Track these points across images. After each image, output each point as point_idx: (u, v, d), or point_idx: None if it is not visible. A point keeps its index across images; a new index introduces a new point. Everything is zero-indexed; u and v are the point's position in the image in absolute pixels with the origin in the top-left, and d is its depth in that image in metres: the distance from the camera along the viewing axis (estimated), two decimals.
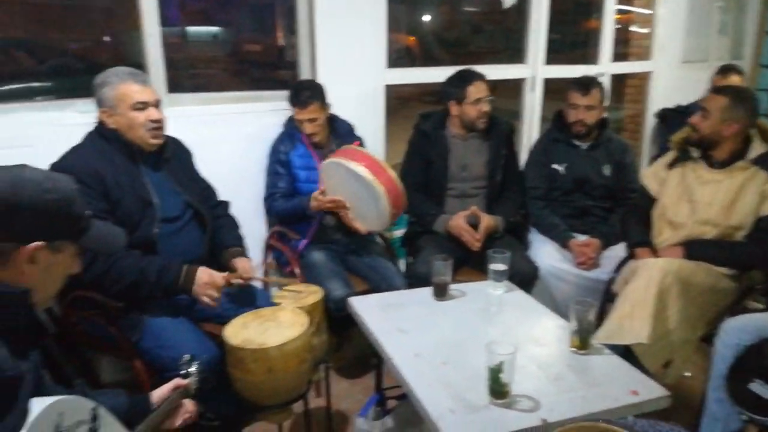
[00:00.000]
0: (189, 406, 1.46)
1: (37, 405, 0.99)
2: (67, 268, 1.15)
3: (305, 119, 2.51)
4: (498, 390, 1.40)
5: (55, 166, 1.83)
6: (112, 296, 1.84)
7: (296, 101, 2.50)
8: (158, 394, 1.42)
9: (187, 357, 1.55)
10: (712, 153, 2.28)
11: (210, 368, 1.64)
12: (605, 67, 3.80)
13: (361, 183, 2.23)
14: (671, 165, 2.41)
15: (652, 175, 2.50)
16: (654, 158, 4.08)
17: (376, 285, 2.49)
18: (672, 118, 3.88)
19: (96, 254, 1.74)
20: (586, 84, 2.68)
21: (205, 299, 1.88)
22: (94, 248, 1.18)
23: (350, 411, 2.38)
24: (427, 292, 2.01)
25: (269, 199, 2.63)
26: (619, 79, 4.19)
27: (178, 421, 1.44)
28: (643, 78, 4.24)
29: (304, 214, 2.50)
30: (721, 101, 2.21)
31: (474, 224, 2.54)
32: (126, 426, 1.25)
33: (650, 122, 4.20)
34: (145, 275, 1.82)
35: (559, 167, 2.77)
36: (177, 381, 1.46)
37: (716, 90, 2.38)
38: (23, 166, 1.08)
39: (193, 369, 1.52)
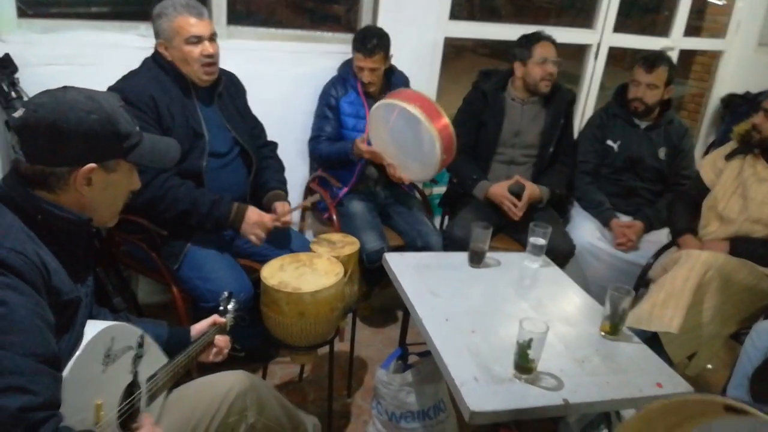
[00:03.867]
0: (221, 342, 1.51)
1: (91, 328, 1.05)
2: (127, 186, 1.14)
3: (367, 67, 2.44)
4: (523, 366, 1.41)
5: (112, 89, 1.85)
6: (160, 223, 1.90)
7: (361, 48, 2.41)
8: (197, 328, 1.47)
9: (225, 294, 1.59)
10: None
11: (246, 307, 1.69)
12: (676, 41, 3.59)
13: (413, 125, 2.13)
14: (729, 156, 2.32)
15: (709, 164, 2.41)
16: (711, 145, 3.92)
17: (411, 241, 2.50)
18: (737, 105, 3.69)
19: (148, 169, 1.65)
20: (652, 61, 2.56)
21: (253, 238, 1.94)
22: (147, 163, 1.14)
23: (370, 359, 2.46)
24: (462, 257, 2.01)
25: (314, 141, 2.62)
26: (687, 53, 3.95)
27: (211, 357, 1.50)
28: (713, 56, 3.99)
29: (348, 158, 2.48)
30: None
31: (517, 192, 2.50)
32: (166, 354, 1.31)
33: (713, 105, 3.98)
34: (197, 206, 1.87)
35: (613, 144, 2.70)
36: (215, 317, 1.51)
37: None
38: (65, 89, 1.04)
39: (230, 306, 1.58)
